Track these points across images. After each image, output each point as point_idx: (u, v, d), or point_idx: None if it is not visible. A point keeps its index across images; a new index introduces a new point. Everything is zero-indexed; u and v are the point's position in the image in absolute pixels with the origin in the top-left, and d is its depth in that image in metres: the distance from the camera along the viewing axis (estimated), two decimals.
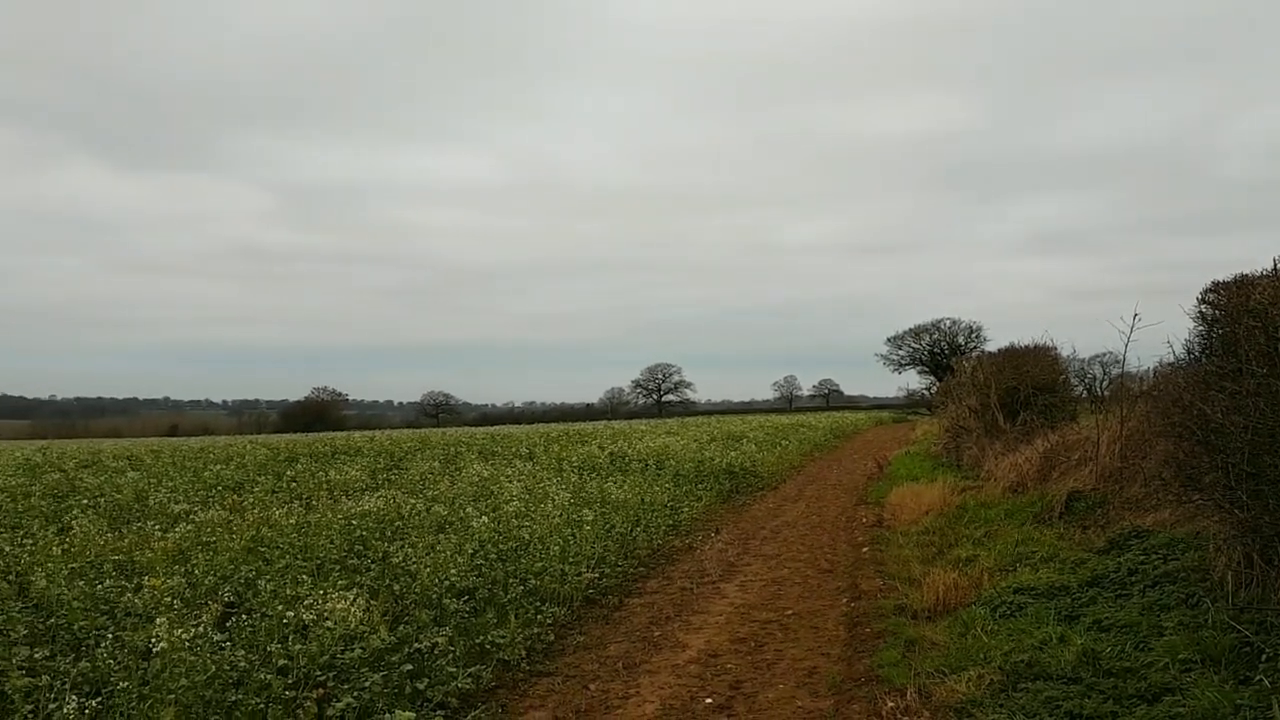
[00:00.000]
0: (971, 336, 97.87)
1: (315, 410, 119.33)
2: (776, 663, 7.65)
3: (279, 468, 21.24)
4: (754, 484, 21.97)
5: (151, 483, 17.35)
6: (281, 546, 10.09)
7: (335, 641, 6.74)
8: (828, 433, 45.97)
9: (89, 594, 8.13)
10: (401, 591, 8.69)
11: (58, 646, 7.08)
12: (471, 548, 10.10)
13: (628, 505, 14.61)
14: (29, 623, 7.50)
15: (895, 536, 13.34)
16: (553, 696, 6.94)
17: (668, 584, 10.98)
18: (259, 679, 6.15)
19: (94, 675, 6.41)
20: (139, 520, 12.87)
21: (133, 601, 7.84)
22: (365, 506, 12.60)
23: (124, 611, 7.72)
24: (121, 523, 12.80)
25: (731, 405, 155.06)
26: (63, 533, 11.44)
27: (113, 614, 7.75)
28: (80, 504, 14.16)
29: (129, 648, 6.70)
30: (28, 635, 7.24)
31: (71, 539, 10.69)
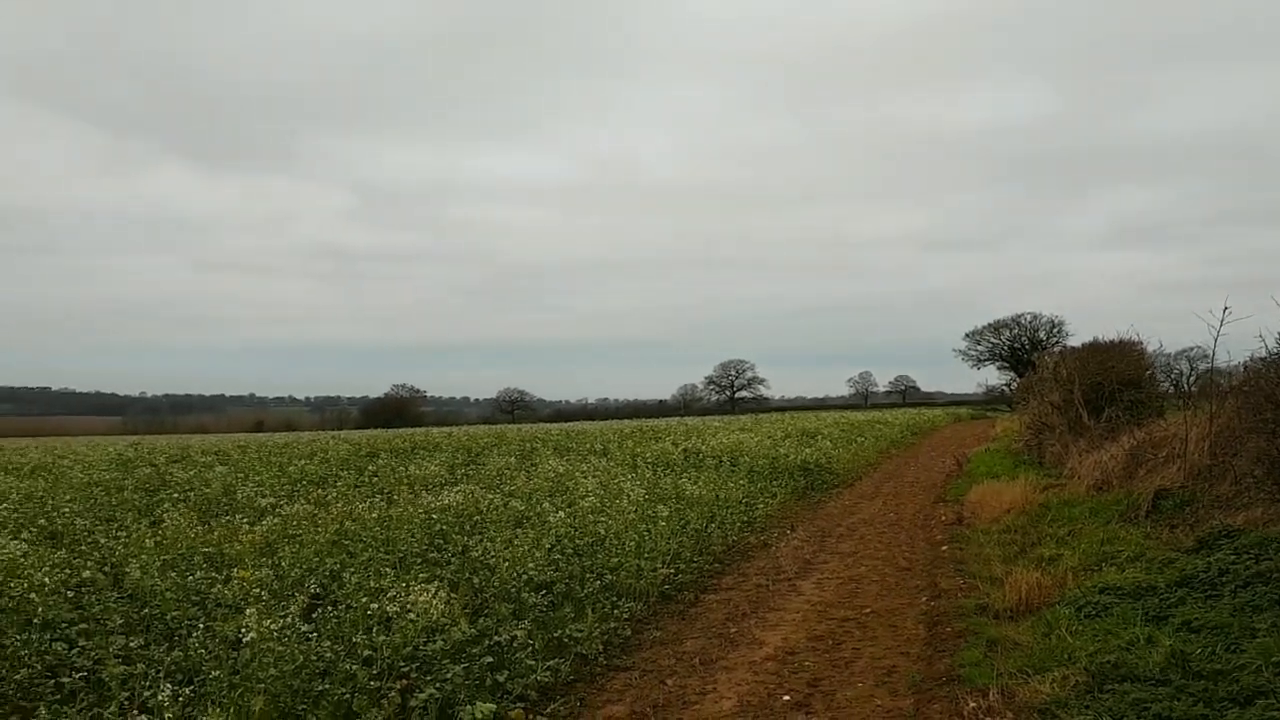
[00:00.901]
0: (1053, 331, 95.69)
1: (394, 407, 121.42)
2: (855, 661, 7.60)
3: (361, 463, 21.65)
4: (829, 481, 21.81)
5: (239, 477, 17.82)
6: (364, 540, 10.31)
7: (418, 633, 6.87)
8: (904, 429, 45.43)
9: (181, 585, 8.40)
10: (481, 585, 8.82)
11: (152, 636, 7.33)
12: (549, 542, 10.21)
13: (702, 502, 14.61)
14: (124, 612, 7.78)
15: (975, 535, 13.15)
16: (630, 691, 6.99)
17: (743, 580, 10.97)
18: (344, 669, 6.30)
19: (186, 664, 6.62)
20: (227, 514, 13.23)
21: (222, 592, 8.08)
22: (445, 501, 12.79)
23: (214, 602, 7.97)
24: (210, 516, 13.18)
25: (805, 402, 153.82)
26: (155, 525, 11.80)
27: (203, 604, 8.00)
28: (171, 498, 14.61)
29: (219, 637, 6.91)
30: (123, 625, 7.52)
31: (163, 532, 11.03)
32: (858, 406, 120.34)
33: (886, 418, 54.80)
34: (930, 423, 59.07)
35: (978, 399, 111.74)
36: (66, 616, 7.56)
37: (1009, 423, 43.36)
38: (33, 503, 14.17)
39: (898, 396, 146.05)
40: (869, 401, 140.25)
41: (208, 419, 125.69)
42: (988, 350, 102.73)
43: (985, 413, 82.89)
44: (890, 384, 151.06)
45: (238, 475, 18.21)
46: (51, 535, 11.65)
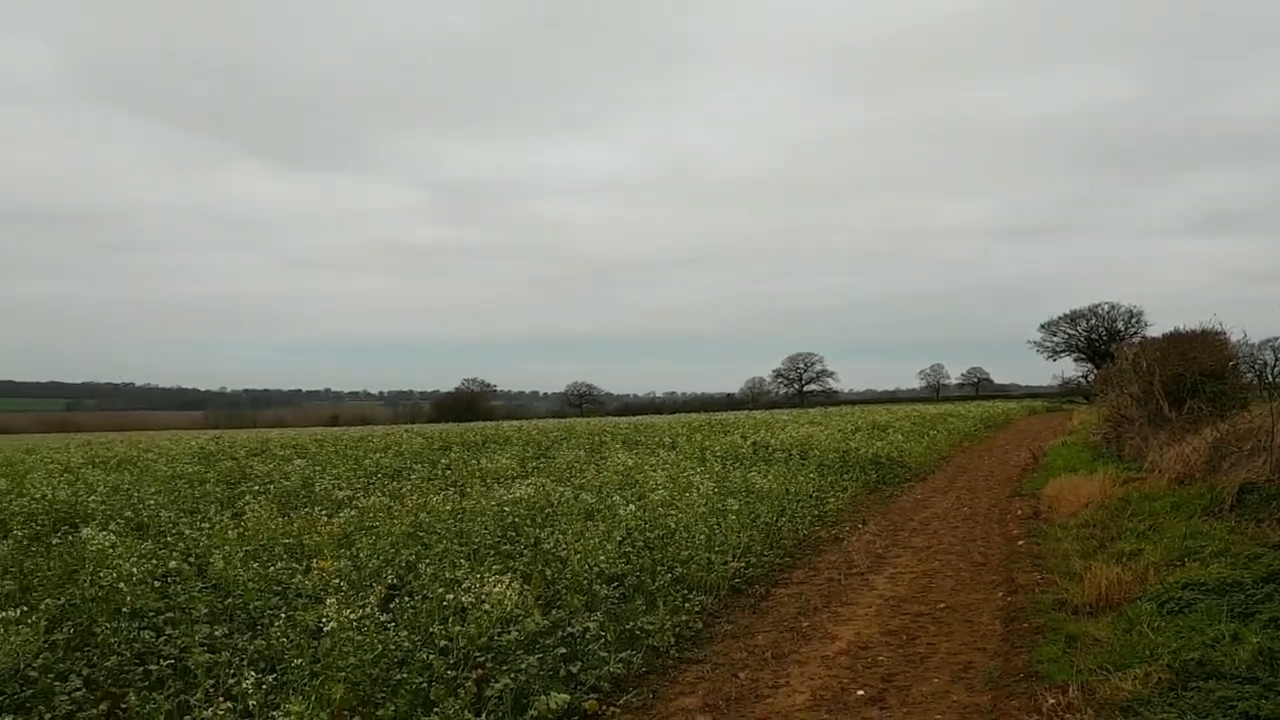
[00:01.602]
0: (1131, 322, 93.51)
1: (465, 401, 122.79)
2: (930, 656, 7.52)
3: (434, 456, 21.96)
4: (901, 475, 21.58)
5: (316, 470, 18.19)
6: (439, 532, 10.46)
7: (492, 624, 6.96)
8: (978, 422, 44.76)
9: (262, 575, 8.61)
10: (553, 576, 8.90)
11: (235, 625, 7.53)
12: (619, 535, 10.26)
13: (772, 495, 14.56)
14: (209, 602, 8.01)
15: (1053, 529, 12.91)
16: (702, 684, 7.00)
17: (814, 575, 10.91)
18: (421, 659, 6.41)
19: (269, 652, 6.79)
20: (306, 506, 13.53)
21: (303, 583, 8.27)
22: (516, 494, 12.92)
23: (295, 592, 8.16)
24: (290, 508, 13.47)
25: (875, 395, 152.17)
26: (237, 517, 12.11)
27: (284, 594, 8.19)
28: (252, 490, 14.96)
29: (300, 627, 7.08)
30: (208, 614, 7.73)
31: (245, 523, 11.31)
32: (929, 399, 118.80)
33: (959, 410, 53.99)
34: (1004, 416, 58.05)
35: (1053, 391, 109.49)
36: (154, 605, 7.80)
37: (1086, 415, 42.41)
38: (120, 495, 14.63)
39: (970, 389, 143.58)
40: (941, 394, 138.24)
41: (285, 413, 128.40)
42: (1063, 341, 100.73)
43: (1061, 405, 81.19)
44: (962, 376, 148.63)
45: (315, 468, 18.59)
46: (138, 527, 12.01)
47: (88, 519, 12.34)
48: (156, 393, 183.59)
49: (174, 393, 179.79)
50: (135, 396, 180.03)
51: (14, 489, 15.58)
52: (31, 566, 9.45)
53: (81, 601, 7.92)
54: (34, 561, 9.66)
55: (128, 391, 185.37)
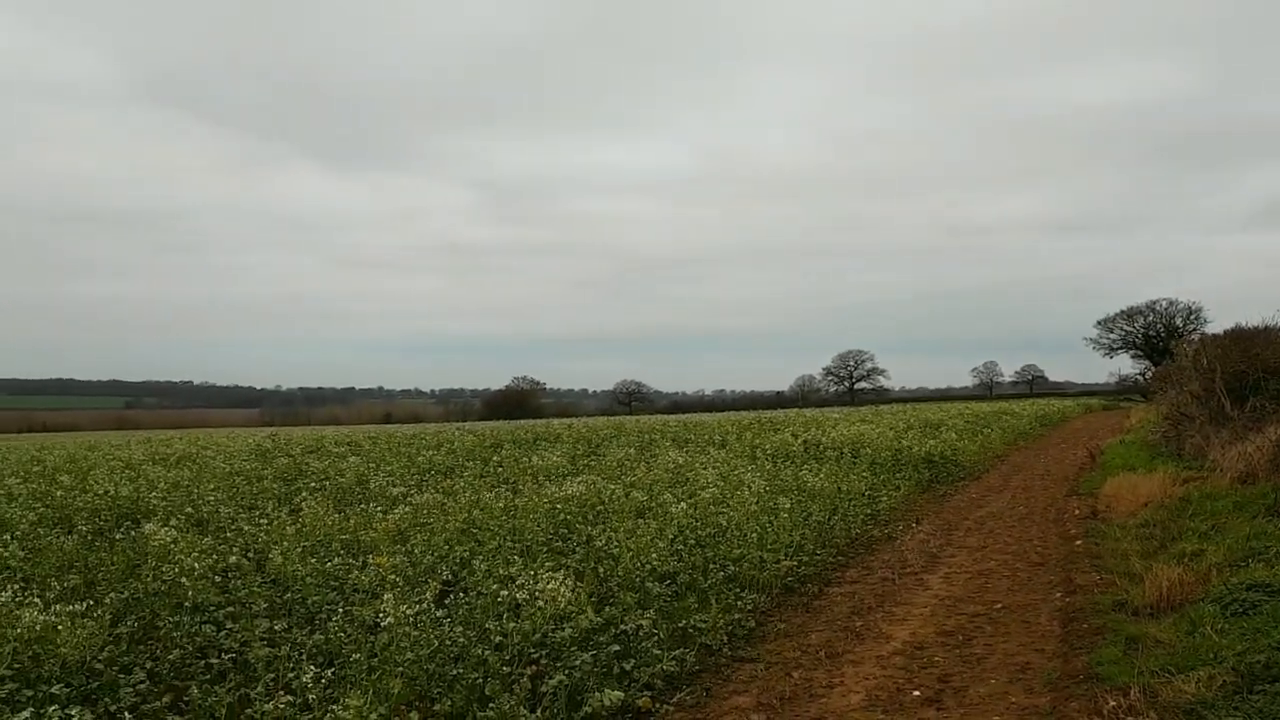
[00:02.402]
0: (1190, 318, 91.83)
1: (515, 398, 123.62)
2: (987, 657, 7.43)
3: (485, 453, 22.12)
4: (955, 473, 21.35)
5: (371, 467, 18.40)
6: (492, 528, 10.53)
7: (546, 620, 6.98)
8: (1033, 420, 44.14)
9: (320, 571, 8.72)
10: (605, 574, 8.92)
11: (294, 619, 7.64)
12: (671, 533, 10.26)
13: (824, 494, 14.47)
14: (268, 597, 8.14)
15: (1111, 529, 12.69)
16: (756, 683, 6.98)
17: (868, 574, 10.82)
18: (476, 654, 6.45)
19: (327, 647, 6.89)
20: (361, 502, 13.69)
21: (359, 578, 8.36)
22: (567, 491, 12.95)
23: (351, 587, 8.25)
24: (345, 504, 13.64)
25: (927, 393, 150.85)
26: (294, 513, 12.28)
27: (341, 590, 8.30)
28: (308, 486, 15.19)
29: (358, 622, 7.16)
30: (267, 608, 7.86)
31: (302, 519, 11.47)
32: (982, 397, 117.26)
33: (1014, 408, 53.25)
34: (1060, 414, 57.21)
35: (1110, 389, 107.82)
36: (215, 600, 7.95)
37: (1144, 413, 41.62)
38: (180, 491, 14.92)
39: (1024, 387, 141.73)
40: (994, 392, 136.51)
41: (339, 411, 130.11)
42: (1120, 338, 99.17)
43: (1118, 403, 79.86)
44: (1016, 374, 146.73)
45: (370, 465, 18.80)
46: (198, 522, 12.24)
47: (149, 515, 12.60)
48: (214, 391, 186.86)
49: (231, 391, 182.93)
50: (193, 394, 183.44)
51: (78, 485, 15.94)
52: (96, 561, 9.67)
53: (144, 596, 8.09)
54: (98, 556, 9.88)
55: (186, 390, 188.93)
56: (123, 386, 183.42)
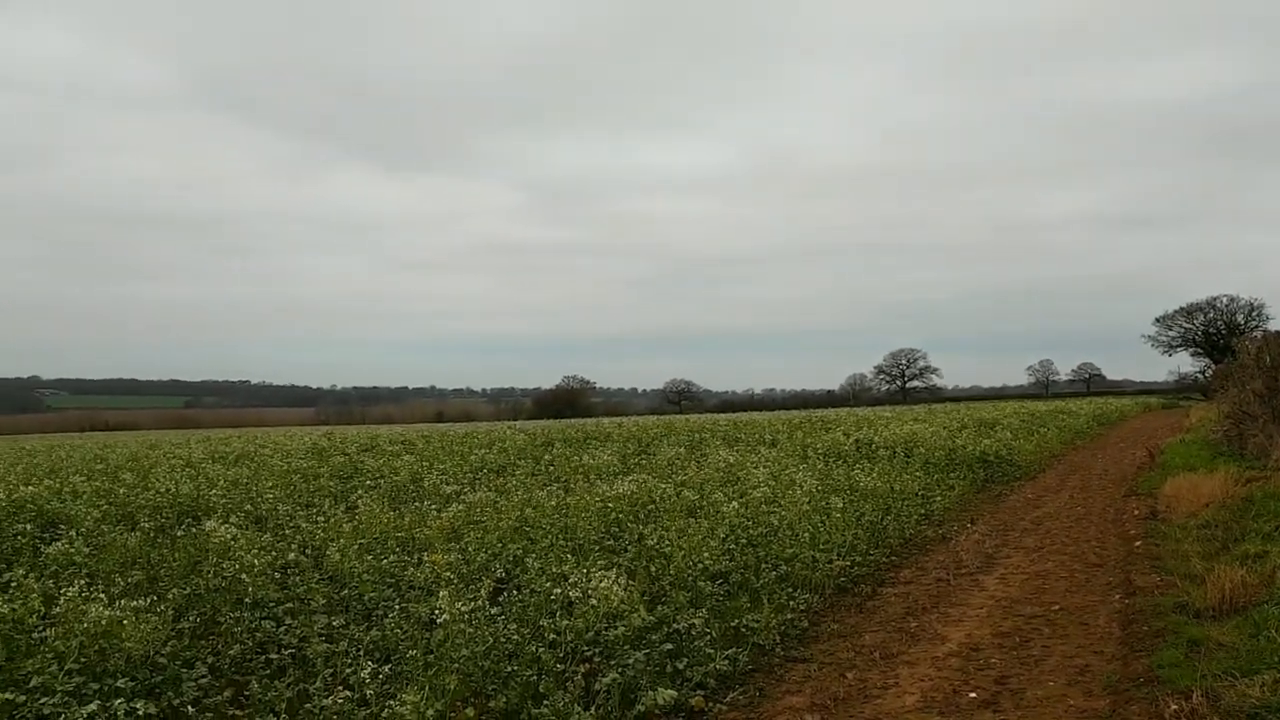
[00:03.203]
0: (1252, 315, 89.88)
1: (565, 397, 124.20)
2: (1044, 659, 7.33)
3: (537, 452, 22.23)
4: (1010, 473, 21.06)
5: (424, 466, 18.58)
6: (544, 527, 10.59)
7: (599, 619, 7.02)
8: (1090, 419, 43.41)
9: (376, 568, 8.84)
10: (657, 573, 8.93)
11: (351, 616, 7.75)
12: (723, 532, 10.25)
13: (877, 493, 14.36)
14: (326, 593, 8.26)
15: (1171, 530, 12.45)
16: (809, 683, 6.95)
17: (922, 574, 10.73)
18: (530, 652, 6.50)
19: (384, 643, 6.98)
20: (415, 500, 13.83)
21: (414, 575, 8.46)
22: (619, 490, 12.98)
23: (407, 584, 8.36)
24: (400, 502, 13.80)
25: (981, 391, 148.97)
26: (350, 511, 12.45)
27: (397, 587, 8.40)
28: (364, 485, 15.38)
29: (414, 618, 7.25)
30: (325, 605, 7.98)
31: (358, 517, 11.62)
32: (1038, 396, 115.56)
33: (1070, 407, 52.46)
34: (1118, 412, 56.23)
35: (1168, 387, 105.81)
36: (274, 596, 8.08)
37: (1204, 412, 40.79)
38: (239, 489, 15.18)
39: (1081, 385, 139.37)
40: (1050, 391, 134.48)
41: (393, 410, 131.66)
42: (1179, 336, 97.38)
43: (1177, 402, 78.32)
44: (1073, 372, 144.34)
45: (423, 464, 18.99)
46: (257, 520, 12.45)
47: (210, 512, 12.83)
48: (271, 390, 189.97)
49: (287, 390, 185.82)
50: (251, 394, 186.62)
51: (140, 483, 16.28)
52: (158, 558, 9.88)
53: (205, 592, 8.25)
54: (160, 553, 10.09)
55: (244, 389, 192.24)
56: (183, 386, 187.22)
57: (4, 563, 9.89)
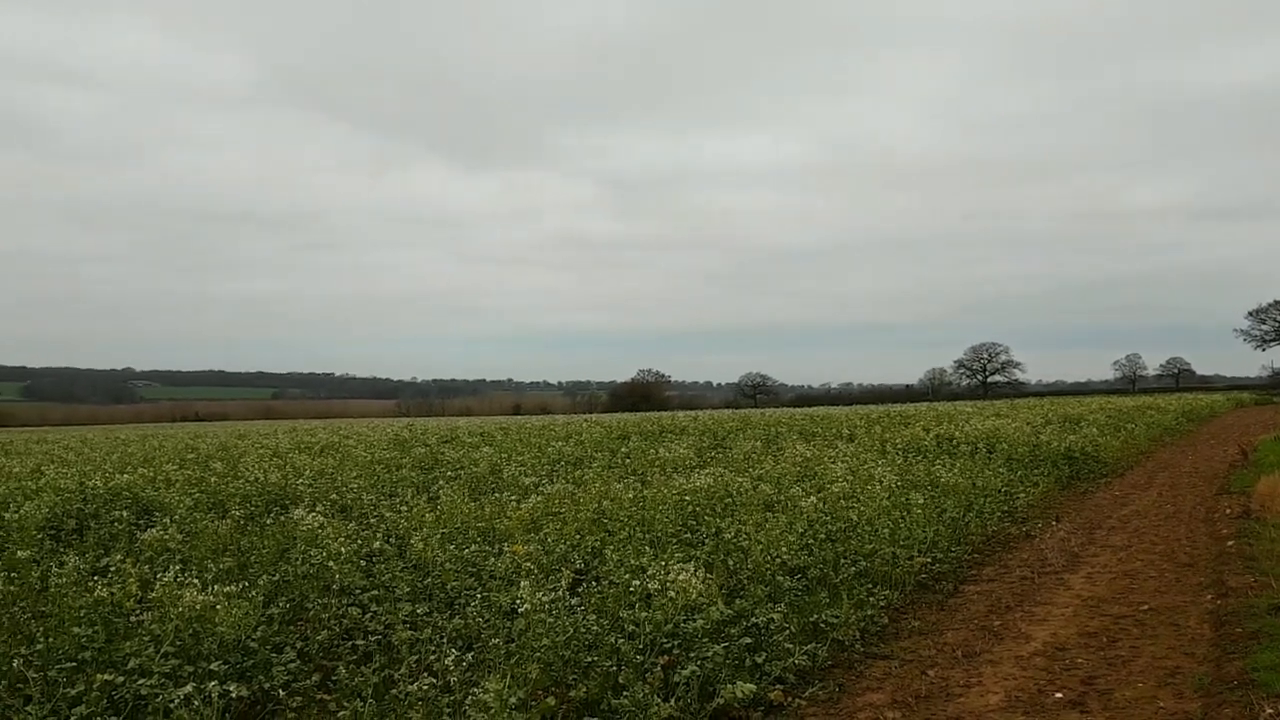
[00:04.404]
0: None
1: (640, 391, 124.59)
2: (1133, 660, 7.16)
3: (613, 445, 22.35)
4: (1096, 470, 20.59)
5: (503, 457, 18.81)
6: (622, 519, 10.65)
7: (677, 611, 7.03)
8: (1179, 416, 42.22)
9: (458, 557, 8.98)
10: (735, 566, 8.92)
11: (434, 604, 7.88)
12: (801, 527, 10.19)
13: (958, 489, 14.15)
14: (410, 581, 8.40)
15: (1266, 529, 12.05)
16: (890, 680, 6.88)
17: (1005, 572, 10.55)
18: (610, 643, 6.55)
19: (466, 631, 7.10)
20: (495, 491, 14.01)
21: (495, 565, 8.57)
22: (695, 483, 12.99)
23: (488, 574, 8.47)
24: (480, 493, 13.99)
25: (1065, 386, 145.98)
26: (432, 501, 12.66)
27: (479, 576, 8.52)
28: (445, 475, 15.62)
29: (495, 607, 7.35)
30: (409, 593, 8.12)
31: (440, 507, 11.81)
32: (1124, 391, 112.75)
33: (1158, 403, 51.04)
34: (1208, 408, 54.62)
35: (1262, 383, 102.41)
36: (360, 584, 8.26)
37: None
38: (324, 479, 15.53)
39: (1170, 380, 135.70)
40: (1137, 386, 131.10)
41: (472, 402, 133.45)
42: (1274, 330, 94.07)
43: (1271, 398, 75.81)
44: (1161, 367, 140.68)
45: (502, 456, 19.23)
46: (342, 509, 12.72)
47: (297, 501, 13.15)
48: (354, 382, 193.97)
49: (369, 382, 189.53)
50: (335, 386, 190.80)
51: (230, 472, 16.75)
52: (248, 545, 10.14)
53: (294, 578, 8.45)
54: (250, 540, 10.36)
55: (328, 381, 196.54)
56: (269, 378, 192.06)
57: (102, 548, 10.26)
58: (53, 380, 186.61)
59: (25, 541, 10.18)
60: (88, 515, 12.18)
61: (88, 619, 6.83)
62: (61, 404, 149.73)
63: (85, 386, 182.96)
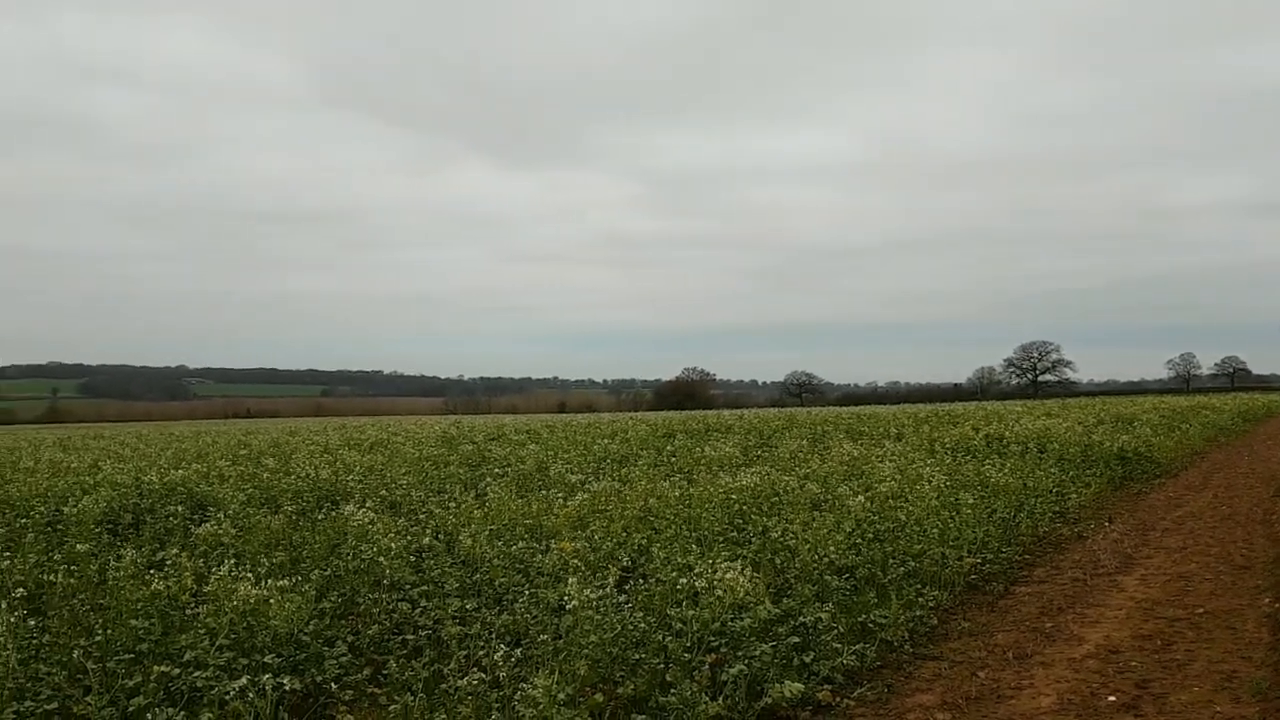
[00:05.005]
0: None
1: (685, 389, 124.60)
2: (1188, 664, 7.04)
3: (659, 443, 22.37)
4: (1150, 471, 20.25)
5: (549, 455, 18.90)
6: (668, 517, 10.67)
7: (725, 610, 7.03)
8: (1234, 416, 41.38)
9: (506, 554, 9.05)
10: (782, 565, 8.91)
11: (483, 599, 7.95)
12: (849, 526, 10.14)
13: (1009, 489, 14.00)
14: (459, 577, 8.47)
15: None
16: (940, 681, 6.83)
17: (1056, 573, 10.41)
18: (657, 640, 6.56)
19: (514, 627, 7.15)
20: (541, 489, 14.08)
21: (543, 562, 8.63)
22: (741, 482, 12.98)
23: (536, 570, 8.52)
24: (527, 490, 14.07)
25: (1117, 386, 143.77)
26: (480, 498, 12.76)
27: (526, 573, 8.58)
28: (492, 472, 15.72)
29: (543, 604, 7.40)
30: (458, 588, 8.19)
31: (488, 504, 11.90)
32: (1178, 391, 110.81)
33: (1214, 403, 50.11)
34: (1265, 408, 53.48)
35: None
36: (409, 579, 8.35)
37: None
38: (374, 475, 15.70)
39: (1224, 380, 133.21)
40: (1191, 385, 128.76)
41: (517, 400, 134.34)
42: None
43: None
44: (1216, 366, 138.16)
45: (548, 453, 19.33)
46: (391, 505, 12.87)
47: (347, 497, 13.32)
48: (402, 380, 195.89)
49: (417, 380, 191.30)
50: (384, 384, 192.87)
51: (281, 468, 17.00)
52: (300, 540, 10.29)
53: (345, 573, 8.57)
54: (302, 535, 10.51)
55: (376, 379, 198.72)
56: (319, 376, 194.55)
57: (158, 542, 10.47)
58: (109, 378, 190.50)
59: (84, 535, 10.43)
60: (144, 510, 12.43)
61: (145, 611, 6.98)
62: (118, 401, 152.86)
63: (140, 384, 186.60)
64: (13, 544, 9.93)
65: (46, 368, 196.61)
